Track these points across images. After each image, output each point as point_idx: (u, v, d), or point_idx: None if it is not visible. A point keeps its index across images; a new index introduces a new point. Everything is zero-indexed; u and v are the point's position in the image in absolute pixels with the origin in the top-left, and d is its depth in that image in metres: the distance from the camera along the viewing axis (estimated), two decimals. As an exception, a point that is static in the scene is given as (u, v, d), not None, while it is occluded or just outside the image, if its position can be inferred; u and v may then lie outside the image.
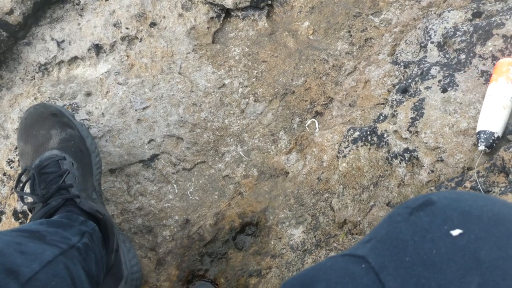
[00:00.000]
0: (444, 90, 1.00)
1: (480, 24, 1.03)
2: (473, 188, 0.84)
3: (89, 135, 1.19)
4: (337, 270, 0.44)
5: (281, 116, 1.29)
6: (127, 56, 1.39)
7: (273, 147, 1.26)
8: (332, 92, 1.26)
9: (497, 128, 0.89)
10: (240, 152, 1.26)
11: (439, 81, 1.02)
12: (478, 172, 0.86)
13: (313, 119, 1.25)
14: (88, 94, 1.36)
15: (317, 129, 1.22)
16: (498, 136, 0.89)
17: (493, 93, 0.92)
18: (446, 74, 1.02)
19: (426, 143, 0.97)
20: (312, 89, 1.29)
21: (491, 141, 0.88)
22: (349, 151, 1.09)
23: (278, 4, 1.45)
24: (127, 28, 1.40)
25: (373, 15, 1.32)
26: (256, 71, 1.36)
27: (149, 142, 1.28)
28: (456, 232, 0.40)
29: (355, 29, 1.32)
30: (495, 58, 0.98)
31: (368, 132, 1.07)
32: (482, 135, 0.89)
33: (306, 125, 1.25)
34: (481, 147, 0.89)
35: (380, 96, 1.17)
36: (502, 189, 0.79)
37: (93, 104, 1.33)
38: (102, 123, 1.30)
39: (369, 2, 1.33)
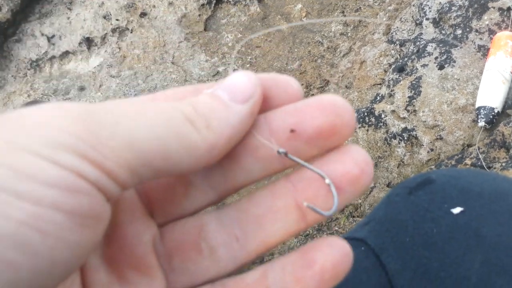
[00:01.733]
0: (441, 67, 0.98)
1: (476, -3, 1.01)
2: (473, 165, 0.82)
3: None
4: None
5: (277, 102, 1.27)
6: (119, 48, 1.37)
7: (270, 133, 1.24)
8: (327, 75, 1.24)
9: (496, 103, 0.87)
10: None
11: (436, 58, 1.01)
12: (478, 148, 0.85)
13: (310, 103, 1.23)
14: (82, 88, 1.34)
15: (314, 113, 1.21)
16: (498, 111, 0.87)
17: (492, 68, 0.90)
18: (442, 51, 1.01)
19: (425, 121, 0.96)
20: (307, 73, 1.27)
21: (491, 116, 0.87)
22: (347, 133, 1.08)
23: (269, -12, 1.42)
24: (117, 20, 1.38)
25: (366, -6, 1.29)
26: (250, 57, 1.34)
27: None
28: (456, 210, 0.39)
29: (348, 9, 1.30)
30: (492, 32, 0.96)
31: (366, 114, 1.06)
32: (481, 111, 0.88)
33: (303, 109, 1.23)
34: (481, 123, 0.87)
35: (376, 76, 1.15)
36: (503, 164, 0.78)
37: (87, 99, 1.32)
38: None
39: (362, -19, 1.31)
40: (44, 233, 0.17)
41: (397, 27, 1.18)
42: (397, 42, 1.14)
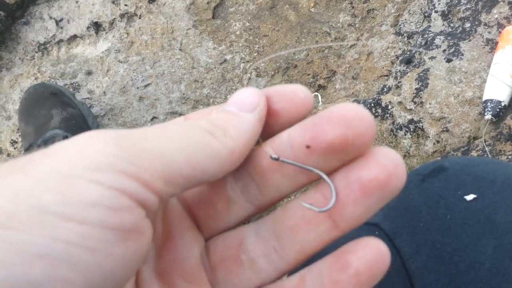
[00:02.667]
0: (449, 60, 0.99)
1: (486, -9, 1.01)
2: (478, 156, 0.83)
3: (90, 113, 1.18)
4: (350, 239, 0.43)
5: (283, 91, 1.27)
6: (127, 33, 1.37)
7: (276, 122, 1.24)
8: (334, 65, 1.24)
9: (504, 97, 0.88)
10: (244, 128, 1.25)
11: (444, 50, 1.01)
12: (484, 141, 0.85)
13: (316, 93, 1.23)
14: (89, 73, 1.34)
15: (321, 103, 1.21)
16: (505, 105, 0.88)
17: (500, 61, 0.90)
18: (450, 44, 1.01)
19: (431, 113, 0.96)
20: (314, 63, 1.27)
21: (498, 110, 0.87)
22: (353, 124, 1.08)
23: (278, -23, 1.42)
24: (125, 5, 1.37)
25: (375, -15, 1.29)
26: (257, 46, 1.33)
27: (151, 119, 1.27)
28: (470, 197, 0.40)
29: (357, 0, 1.29)
30: (500, 26, 0.96)
31: (372, 104, 1.06)
32: (488, 104, 0.88)
33: (309, 99, 1.23)
34: (488, 116, 0.88)
35: (383, 67, 1.15)
36: (510, 157, 0.79)
37: (94, 83, 1.32)
38: (104, 102, 1.29)
39: (371, -28, 1.30)
40: (92, 250, 0.19)
41: (405, 19, 1.18)
42: (405, 34, 1.14)
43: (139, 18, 1.38)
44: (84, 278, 0.18)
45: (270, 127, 0.26)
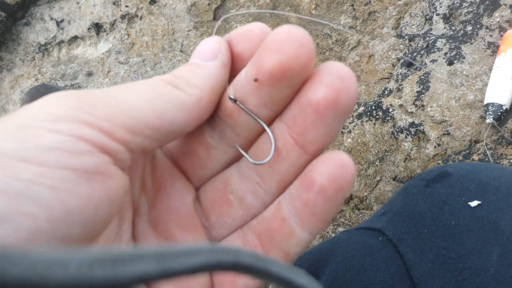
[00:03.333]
0: (450, 63, 0.98)
1: (487, -6, 1.01)
2: (481, 161, 0.83)
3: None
4: (353, 243, 0.43)
5: (284, 93, 1.27)
6: (128, 34, 1.36)
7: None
8: (335, 68, 1.24)
9: (505, 100, 0.87)
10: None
11: (445, 53, 1.00)
12: (486, 145, 0.85)
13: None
14: (90, 74, 1.33)
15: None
16: (507, 109, 0.87)
17: (502, 65, 0.90)
18: (452, 47, 1.00)
19: (432, 116, 0.96)
20: (315, 65, 1.26)
21: (499, 113, 0.87)
22: (354, 126, 1.08)
23: (279, -21, 1.41)
24: (126, 6, 1.37)
25: (376, -12, 1.28)
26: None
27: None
28: (474, 203, 0.39)
29: (358, 3, 1.29)
30: (502, 29, 0.96)
31: (373, 107, 1.06)
32: (490, 107, 0.88)
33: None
34: (489, 120, 0.87)
35: (384, 70, 1.15)
36: (511, 161, 0.78)
37: (95, 84, 1.31)
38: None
39: (373, -26, 1.30)
40: (53, 187, 0.19)
41: (406, 22, 1.18)
42: (406, 37, 1.14)
43: (140, 19, 1.38)
44: (47, 213, 0.19)
45: (237, 71, 0.26)
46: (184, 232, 0.27)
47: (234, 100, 0.25)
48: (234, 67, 0.26)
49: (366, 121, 1.06)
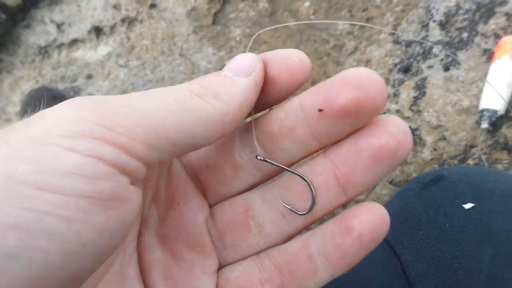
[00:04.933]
0: (446, 69, 1.00)
1: (483, 2, 1.02)
2: (476, 165, 0.84)
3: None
4: None
5: (283, 97, 1.28)
6: (128, 38, 1.37)
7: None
8: (333, 72, 1.25)
9: (500, 106, 0.89)
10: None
11: (441, 60, 1.02)
12: (481, 150, 0.86)
13: (315, 100, 1.24)
14: (89, 76, 1.34)
15: (319, 109, 1.22)
16: (501, 114, 0.89)
17: (496, 71, 0.91)
18: (448, 53, 1.02)
19: (429, 121, 0.97)
20: (313, 70, 1.28)
21: (494, 119, 0.88)
22: (352, 130, 1.09)
23: (278, -16, 1.43)
24: (127, 10, 1.38)
25: (374, -6, 1.30)
26: (257, 52, 1.34)
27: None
28: (468, 206, 0.41)
29: (356, 9, 1.31)
30: (497, 36, 0.98)
31: (371, 112, 1.07)
32: (485, 113, 0.89)
33: (308, 105, 1.25)
34: (484, 125, 0.89)
35: (381, 75, 1.16)
36: (505, 165, 0.80)
37: (95, 87, 1.32)
38: (104, 106, 1.29)
39: (370, -19, 1.32)
40: (68, 219, 0.18)
41: (403, 28, 1.19)
42: (403, 43, 1.16)
43: (140, 23, 1.39)
44: (60, 247, 0.18)
45: (267, 94, 0.25)
46: (192, 252, 0.26)
47: (263, 159, 0.25)
48: (264, 90, 0.25)
49: (363, 125, 1.08)
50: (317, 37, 1.32)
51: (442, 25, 1.09)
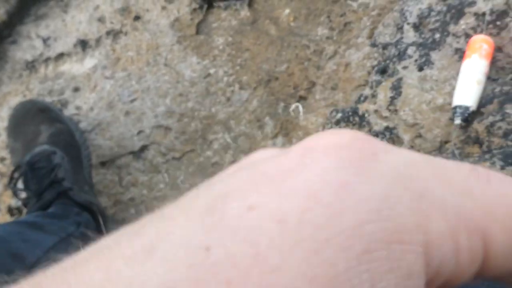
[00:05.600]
0: (420, 69, 1.03)
1: (453, 3, 1.06)
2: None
3: (78, 129, 1.21)
4: None
5: (266, 102, 1.31)
6: (113, 50, 1.40)
7: (259, 132, 1.28)
8: (314, 77, 1.29)
9: (471, 102, 0.92)
10: (228, 139, 1.29)
11: (416, 60, 1.06)
12: (454, 145, 0.90)
13: (297, 104, 1.27)
14: (76, 89, 1.37)
15: (301, 113, 1.25)
16: (473, 110, 0.92)
17: (467, 69, 0.95)
18: (422, 53, 1.06)
19: (405, 120, 1.00)
20: (295, 75, 1.31)
21: (466, 115, 0.92)
22: (333, 132, 1.12)
23: (259, -7, 1.47)
24: (111, 23, 1.41)
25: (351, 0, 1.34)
26: (240, 60, 1.38)
27: (138, 133, 1.30)
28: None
29: (334, 14, 1.35)
30: (468, 36, 1.01)
31: (350, 113, 1.10)
32: (458, 109, 0.93)
33: (291, 109, 1.27)
34: (457, 121, 0.92)
35: (360, 78, 1.20)
36: (476, 159, 0.83)
37: (82, 99, 1.35)
38: (91, 117, 1.32)
39: (347, -13, 1.36)
40: None
41: (380, 31, 1.23)
42: (380, 46, 1.19)
43: (125, 35, 1.42)
44: None
45: None
46: None
47: None
48: None
49: (344, 126, 1.11)
50: (297, 43, 1.36)
51: (416, 27, 1.13)
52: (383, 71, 1.11)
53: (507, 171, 0.77)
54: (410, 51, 1.08)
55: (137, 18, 1.43)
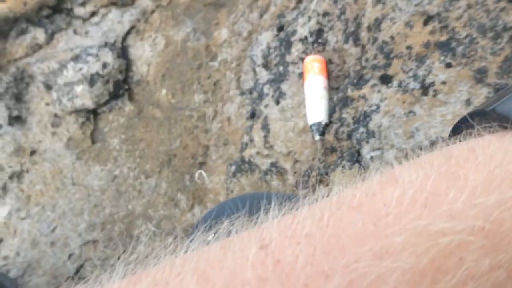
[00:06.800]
0: (277, 102, 1.16)
1: (282, 36, 1.20)
2: (318, 174, 0.98)
3: (6, 278, 1.27)
4: None
5: (173, 180, 1.41)
6: (21, 191, 1.49)
7: (177, 210, 1.37)
8: (205, 141, 1.40)
9: (322, 117, 1.04)
10: (152, 228, 1.37)
11: (272, 96, 1.18)
12: (319, 159, 1.00)
13: (200, 171, 1.37)
14: (0, 241, 1.44)
15: (206, 178, 1.35)
16: (326, 123, 1.04)
17: (309, 89, 1.07)
18: (275, 88, 1.18)
19: (281, 152, 1.11)
20: (189, 145, 1.42)
21: (322, 129, 1.03)
22: (234, 185, 1.22)
23: (134, 85, 1.60)
24: (10, 167, 1.50)
25: (211, 60, 1.48)
26: (138, 152, 1.48)
27: (69, 258, 1.37)
28: (210, 237, 0.53)
29: (203, 79, 1.48)
30: (302, 60, 1.15)
31: (240, 162, 1.21)
32: (313, 127, 1.04)
33: (196, 178, 1.37)
34: (317, 137, 1.03)
35: (242, 126, 1.31)
36: (333, 167, 0.93)
37: (7, 248, 1.41)
38: (19, 262, 1.38)
39: (204, 51, 1.50)
40: None
41: (243, 79, 1.36)
42: (247, 92, 1.32)
43: (27, 172, 1.51)
44: None
45: None
46: None
47: None
48: None
49: (240, 176, 1.21)
50: (182, 116, 1.47)
51: (265, 66, 1.26)
52: (252, 115, 1.23)
53: (354, 169, 0.88)
54: (265, 89, 1.21)
55: (33, 152, 1.53)
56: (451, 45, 0.93)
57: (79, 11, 1.66)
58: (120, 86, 1.56)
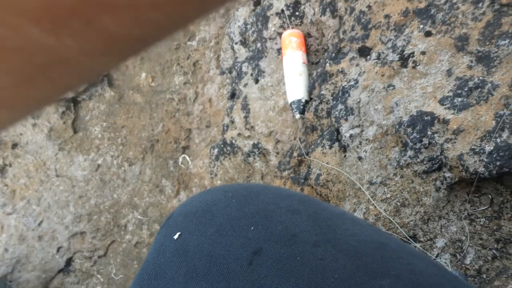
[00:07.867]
0: (256, 81, 1.13)
1: (258, 11, 1.17)
2: (300, 155, 0.96)
3: (-6, 276, 1.28)
4: None
5: (157, 166, 1.40)
6: (6, 185, 1.48)
7: (162, 196, 1.36)
8: (188, 124, 1.38)
9: (302, 94, 1.02)
10: (138, 216, 1.37)
11: (251, 74, 1.16)
12: (300, 139, 0.99)
13: (183, 155, 1.36)
14: (-14, 237, 1.44)
15: (190, 162, 1.34)
16: (306, 100, 1.02)
17: (287, 65, 1.05)
18: (253, 66, 1.16)
19: (262, 132, 1.10)
20: (171, 130, 1.40)
21: (301, 107, 1.01)
22: (217, 168, 1.21)
23: (114, 70, 1.57)
24: (-9, 162, 1.50)
25: (190, 40, 1.45)
26: (120, 139, 1.47)
27: (57, 251, 1.37)
28: (176, 235, 0.51)
29: (182, 59, 1.45)
30: (280, 35, 1.12)
31: (222, 145, 1.19)
32: (293, 105, 1.02)
33: (180, 163, 1.36)
34: (297, 115, 1.01)
35: (224, 107, 1.29)
36: (313, 146, 0.92)
37: (-6, 244, 1.42)
38: (8, 258, 1.38)
39: (182, 31, 1.47)
40: None
41: (222, 58, 1.33)
42: (226, 71, 1.30)
43: (10, 166, 1.50)
44: None
45: None
46: None
47: None
48: None
49: (224, 159, 1.19)
50: (163, 99, 1.45)
51: (243, 43, 1.23)
52: (232, 96, 1.21)
53: (334, 148, 0.86)
54: (244, 68, 1.18)
55: (14, 145, 1.52)
56: (431, 12, 0.90)
57: None
58: (98, 72, 1.54)
